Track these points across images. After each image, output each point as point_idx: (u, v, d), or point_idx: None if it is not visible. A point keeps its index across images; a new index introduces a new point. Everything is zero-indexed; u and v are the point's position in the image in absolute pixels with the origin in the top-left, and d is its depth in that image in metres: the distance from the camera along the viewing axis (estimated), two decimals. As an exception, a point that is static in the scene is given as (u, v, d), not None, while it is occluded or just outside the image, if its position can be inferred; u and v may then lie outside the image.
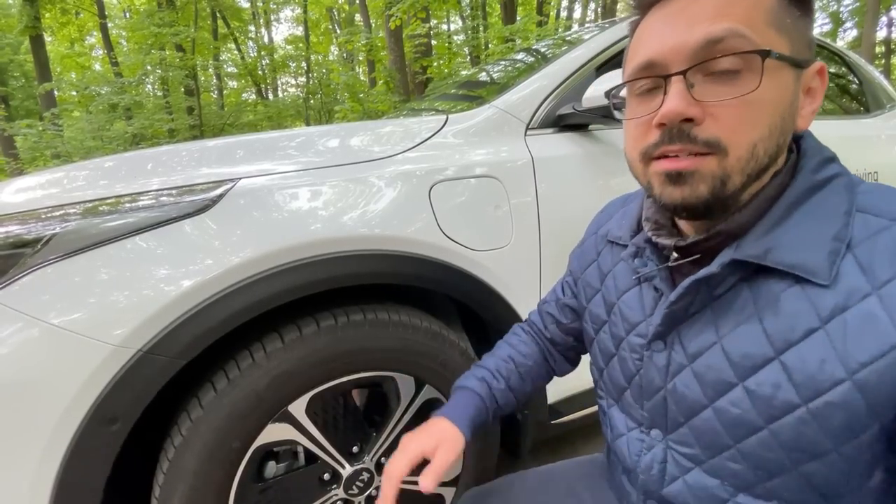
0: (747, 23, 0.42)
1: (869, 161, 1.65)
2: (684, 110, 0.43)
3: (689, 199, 0.45)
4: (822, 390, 0.41)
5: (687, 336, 0.51)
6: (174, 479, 0.78)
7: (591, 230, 0.73)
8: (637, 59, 0.47)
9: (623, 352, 0.59)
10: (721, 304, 0.48)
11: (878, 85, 2.02)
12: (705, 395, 0.49)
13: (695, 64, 0.43)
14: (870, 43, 8.93)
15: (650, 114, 0.46)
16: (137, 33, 10.74)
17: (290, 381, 0.83)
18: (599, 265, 0.67)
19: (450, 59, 11.65)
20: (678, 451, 0.53)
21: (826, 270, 0.41)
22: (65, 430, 0.69)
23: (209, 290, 0.75)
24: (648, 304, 0.56)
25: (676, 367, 0.52)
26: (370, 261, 0.87)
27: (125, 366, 0.71)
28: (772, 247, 0.44)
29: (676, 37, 0.44)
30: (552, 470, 0.75)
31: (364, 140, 0.98)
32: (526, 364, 0.77)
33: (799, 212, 0.44)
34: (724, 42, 0.41)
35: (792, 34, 0.43)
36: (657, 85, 0.46)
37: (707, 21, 0.42)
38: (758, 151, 0.43)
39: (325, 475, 0.92)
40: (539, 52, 1.64)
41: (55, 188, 0.79)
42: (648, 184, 0.49)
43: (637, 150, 0.49)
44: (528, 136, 1.09)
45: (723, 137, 0.42)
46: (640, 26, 0.49)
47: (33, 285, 0.69)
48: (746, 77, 0.42)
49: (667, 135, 0.44)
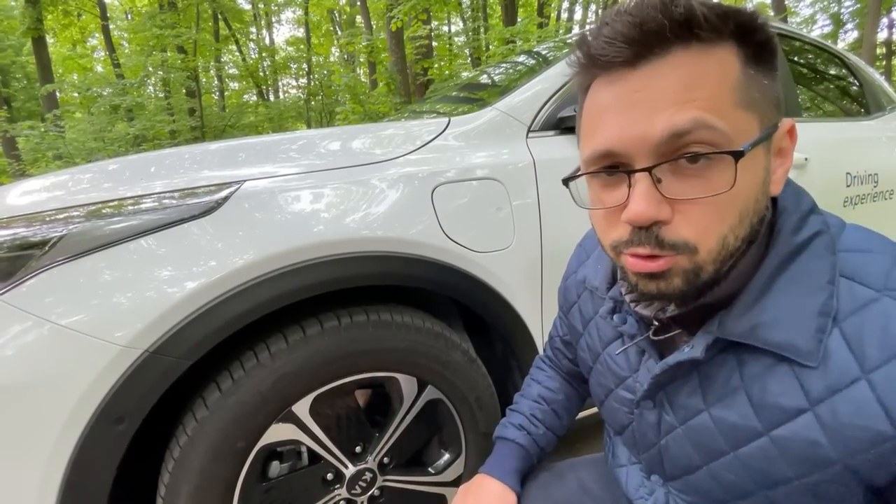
0: (714, 108, 0.37)
1: (869, 163, 1.65)
2: (654, 214, 0.39)
3: (665, 292, 0.42)
4: (815, 468, 0.41)
5: (675, 399, 0.50)
6: (179, 479, 0.78)
7: (570, 268, 0.71)
8: (594, 146, 0.42)
9: (613, 402, 0.59)
10: (707, 373, 0.47)
11: (879, 87, 2.02)
12: (698, 456, 0.48)
13: (661, 161, 0.39)
14: (870, 44, 8.94)
15: (616, 206, 0.42)
16: (139, 35, 10.78)
17: (294, 382, 0.83)
18: (581, 310, 0.65)
19: (451, 60, 11.67)
20: (681, 497, 0.53)
21: (814, 351, 0.39)
22: (72, 430, 0.70)
23: (214, 292, 0.76)
24: (633, 360, 0.55)
25: (668, 427, 0.51)
26: (373, 262, 0.88)
27: (132, 366, 0.71)
28: (756, 324, 0.41)
29: (637, 127, 0.39)
30: (562, 467, 0.75)
31: (366, 143, 0.99)
32: (557, 399, 0.77)
33: (781, 280, 0.42)
34: (691, 135, 0.37)
35: (760, 106, 0.40)
36: (619, 174, 0.42)
37: (669, 109, 0.38)
38: (728, 241, 0.40)
39: (328, 475, 0.92)
40: (540, 55, 1.64)
41: (60, 191, 0.80)
42: (623, 272, 0.46)
43: (606, 242, 0.46)
44: (529, 138, 1.10)
45: (690, 238, 0.39)
46: (590, 93, 0.44)
47: (41, 287, 0.70)
48: (717, 171, 0.38)
49: (635, 234, 0.41)
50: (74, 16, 12.20)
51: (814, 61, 1.92)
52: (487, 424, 1.03)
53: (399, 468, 1.00)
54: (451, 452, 1.04)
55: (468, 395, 1.01)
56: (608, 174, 0.43)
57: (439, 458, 1.04)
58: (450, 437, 1.04)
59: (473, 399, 1.01)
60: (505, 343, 1.08)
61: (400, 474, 1.00)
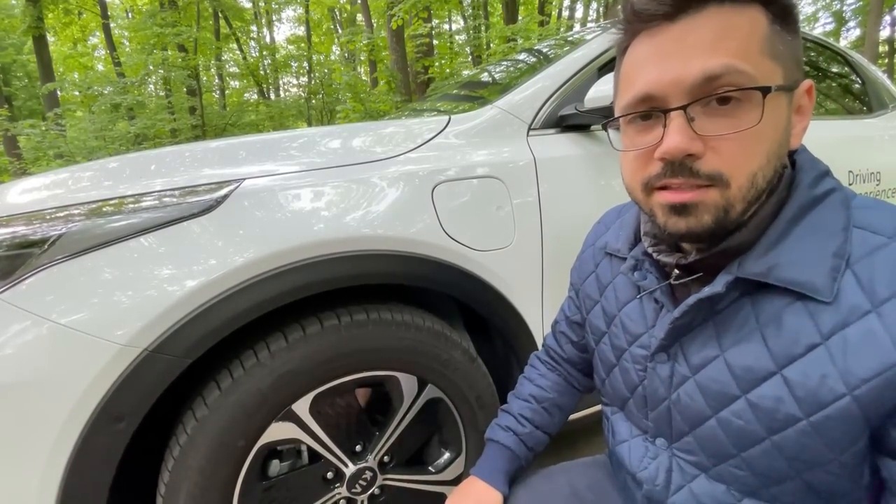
0: (744, 56, 0.42)
1: (872, 162, 1.64)
2: (687, 146, 0.43)
3: (693, 229, 0.45)
4: (823, 405, 0.42)
5: (690, 349, 0.52)
6: (179, 478, 0.78)
7: (588, 242, 0.75)
8: (633, 91, 0.47)
9: (625, 363, 0.60)
10: (723, 319, 0.49)
11: (881, 85, 2.01)
12: (709, 406, 0.50)
13: (694, 100, 0.43)
14: (873, 42, 8.90)
15: (650, 146, 0.47)
16: (140, 33, 10.76)
17: (294, 381, 0.83)
18: (598, 277, 0.68)
19: (451, 59, 11.65)
20: (684, 458, 0.54)
21: (828, 288, 0.42)
22: (72, 429, 0.70)
23: (214, 291, 0.76)
24: (650, 316, 0.57)
25: (680, 379, 0.53)
26: (373, 261, 0.87)
27: (131, 365, 0.71)
28: (774, 264, 0.44)
29: (673, 71, 0.44)
30: (554, 471, 0.75)
31: (367, 141, 0.99)
32: (548, 397, 0.78)
33: (798, 228, 0.45)
34: (723, 78, 0.42)
35: (785, 60, 0.44)
36: (656, 116, 0.46)
37: (703, 56, 0.42)
38: (757, 180, 0.44)
39: (328, 474, 0.92)
40: (541, 53, 1.64)
41: (60, 189, 0.80)
42: (651, 212, 0.50)
43: (638, 181, 0.49)
44: (530, 136, 1.09)
45: (724, 170, 0.43)
46: (629, 51, 0.49)
47: (40, 285, 0.70)
48: (746, 109, 0.42)
49: (668, 168, 0.45)
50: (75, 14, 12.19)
51: (816, 59, 1.91)
52: (488, 423, 1.01)
53: (399, 467, 1.00)
54: (451, 451, 1.04)
55: (468, 394, 1.01)
56: (643, 119, 0.48)
57: (440, 457, 1.04)
58: (450, 435, 1.03)
59: (474, 398, 1.01)
60: (505, 341, 1.08)
61: (400, 473, 1.00)
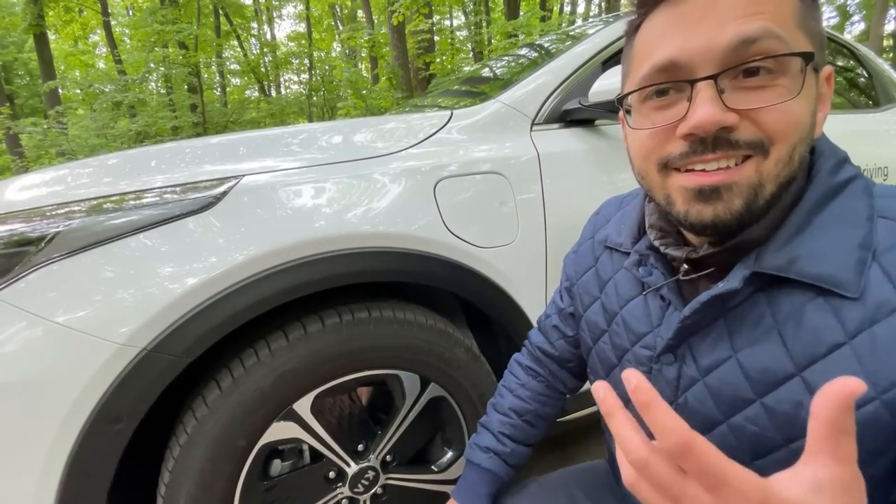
0: (780, 22, 0.38)
1: (879, 156, 1.62)
2: (721, 118, 0.38)
3: (721, 217, 0.41)
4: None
5: (699, 349, 0.48)
6: (180, 478, 0.78)
7: (586, 234, 0.70)
8: (653, 60, 0.42)
9: (627, 363, 0.56)
10: (736, 316, 0.45)
11: (889, 78, 1.98)
12: (719, 410, 0.46)
13: (727, 68, 0.39)
14: (878, 36, 8.83)
15: (670, 123, 0.42)
16: (140, 31, 10.73)
17: (295, 380, 0.82)
18: (598, 272, 0.64)
19: (453, 55, 11.60)
20: None
21: (854, 282, 0.39)
22: (69, 430, 0.69)
23: (213, 288, 0.75)
24: (655, 314, 0.53)
25: (688, 381, 0.49)
26: (375, 258, 0.86)
27: (129, 364, 0.71)
28: (795, 257, 0.41)
29: (703, 36, 0.39)
30: (552, 478, 0.74)
31: (368, 136, 0.97)
32: (530, 408, 0.75)
33: (820, 218, 0.42)
34: (759, 43, 0.38)
35: (815, 36, 0.41)
36: (678, 90, 0.42)
37: (738, 19, 0.38)
38: (794, 155, 0.40)
39: (330, 473, 0.92)
40: (543, 47, 1.62)
41: (59, 186, 0.79)
42: (668, 198, 0.45)
43: (653, 161, 0.44)
44: (533, 131, 1.08)
45: (765, 137, 0.39)
46: (643, 26, 0.45)
47: (38, 283, 0.69)
48: (781, 81, 0.39)
49: (699, 145, 0.40)
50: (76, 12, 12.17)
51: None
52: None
53: (402, 466, 0.99)
54: (454, 450, 1.03)
55: (471, 393, 1.00)
56: (659, 95, 0.43)
57: (442, 456, 1.03)
58: (453, 434, 1.03)
59: (477, 396, 1.00)
60: (509, 339, 1.07)
61: (403, 472, 0.99)
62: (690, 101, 0.40)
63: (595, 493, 0.69)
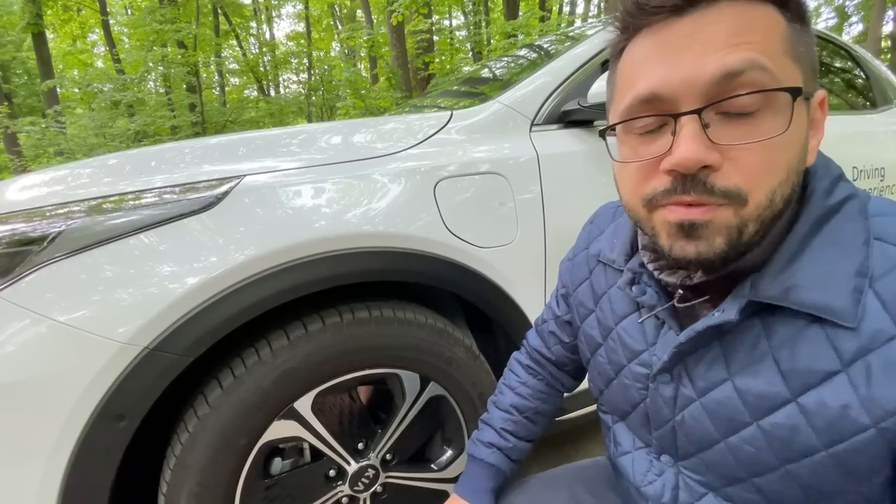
0: (766, 52, 0.37)
1: (876, 157, 1.63)
2: (703, 157, 0.37)
3: (704, 254, 0.40)
4: (844, 436, 0.39)
5: (695, 371, 0.48)
6: (182, 476, 0.78)
7: (580, 244, 0.69)
8: (635, 91, 0.41)
9: (624, 379, 0.56)
10: (731, 340, 0.45)
11: (886, 80, 1.99)
12: (717, 430, 0.46)
13: (711, 102, 0.37)
14: (876, 38, 8.86)
15: (655, 157, 0.41)
16: (139, 30, 10.71)
17: (295, 378, 0.83)
18: (592, 285, 0.63)
19: (452, 55, 11.60)
20: (691, 477, 0.51)
21: (850, 311, 0.38)
22: (72, 428, 0.70)
23: (215, 288, 0.75)
24: (650, 333, 0.52)
25: (685, 401, 0.49)
26: (375, 258, 0.87)
27: (132, 363, 0.71)
28: (791, 286, 0.40)
29: (685, 67, 0.38)
30: (554, 474, 0.74)
31: (368, 137, 0.98)
32: (531, 406, 0.75)
33: (815, 242, 0.41)
34: (744, 76, 0.36)
35: (804, 64, 0.39)
36: (662, 122, 0.41)
37: (721, 50, 0.37)
38: (776, 198, 0.39)
39: (330, 472, 0.92)
40: (542, 48, 1.63)
41: (60, 186, 0.79)
42: (654, 232, 0.44)
43: (639, 197, 0.43)
44: (532, 132, 1.08)
45: (742, 185, 0.38)
46: (627, 51, 0.43)
47: (40, 283, 0.70)
48: (767, 116, 0.37)
49: (679, 183, 0.39)
50: (74, 11, 12.16)
51: (819, 53, 1.90)
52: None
53: (402, 465, 1.00)
54: (453, 449, 1.04)
55: (471, 392, 1.00)
56: (650, 119, 0.41)
57: (442, 455, 1.04)
58: (452, 433, 1.03)
59: (476, 395, 1.01)
60: (508, 339, 1.07)
61: (403, 471, 0.99)
62: (675, 136, 0.39)
63: (596, 489, 0.69)
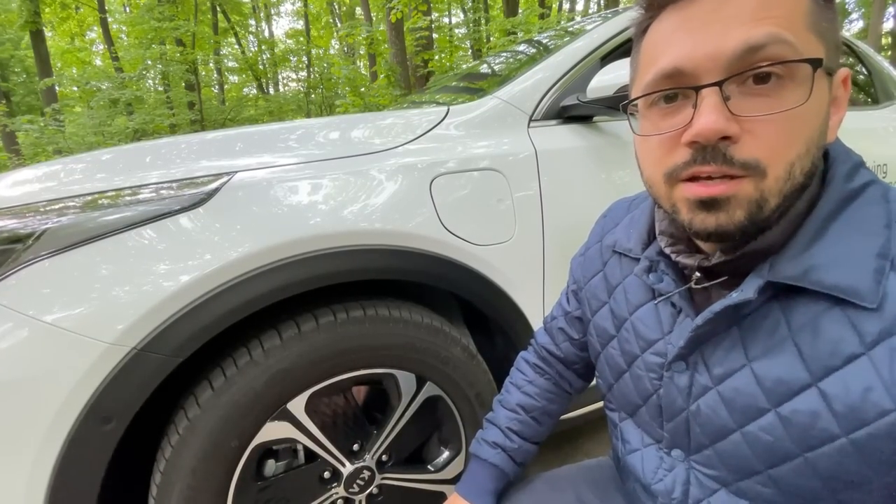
0: (789, 26, 0.37)
1: (878, 154, 1.62)
2: (723, 127, 0.38)
3: (724, 226, 0.41)
4: (866, 421, 0.38)
5: (712, 357, 0.47)
6: (172, 479, 0.76)
7: (594, 238, 0.69)
8: (659, 66, 0.42)
9: (637, 370, 0.56)
10: (749, 325, 0.44)
11: (888, 76, 1.98)
12: (733, 419, 0.45)
13: (732, 74, 0.38)
14: (876, 34, 8.84)
15: (676, 130, 0.41)
16: (137, 28, 10.68)
17: (288, 379, 0.81)
18: (606, 276, 0.63)
19: (451, 52, 11.57)
20: (703, 471, 0.50)
21: (872, 292, 0.38)
22: (59, 430, 0.68)
23: (205, 287, 0.74)
24: (666, 321, 0.52)
25: (700, 389, 0.48)
26: (370, 256, 0.85)
27: (119, 364, 0.69)
28: (811, 266, 0.40)
29: (709, 42, 0.39)
30: (558, 475, 0.73)
31: (364, 132, 0.96)
32: (538, 405, 0.74)
33: (835, 225, 0.41)
34: (766, 49, 0.37)
35: (828, 39, 0.39)
36: (684, 96, 0.42)
37: (745, 24, 0.38)
38: (795, 171, 0.39)
39: (325, 473, 0.90)
40: (541, 44, 1.61)
41: (51, 181, 0.78)
42: (674, 207, 0.44)
43: (660, 171, 0.44)
44: (531, 127, 1.07)
45: (762, 158, 0.38)
46: (651, 29, 0.44)
47: (25, 281, 0.68)
48: (789, 88, 0.38)
49: (699, 154, 0.40)
50: (72, 9, 12.13)
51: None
52: (488, 421, 1.01)
53: (398, 466, 0.98)
54: (450, 449, 1.02)
55: (468, 392, 0.99)
56: (667, 101, 0.43)
57: (439, 456, 1.02)
58: (449, 433, 1.02)
59: (474, 395, 0.99)
60: (506, 338, 1.06)
61: (399, 472, 0.98)
62: (696, 108, 0.40)
63: (601, 490, 0.68)
